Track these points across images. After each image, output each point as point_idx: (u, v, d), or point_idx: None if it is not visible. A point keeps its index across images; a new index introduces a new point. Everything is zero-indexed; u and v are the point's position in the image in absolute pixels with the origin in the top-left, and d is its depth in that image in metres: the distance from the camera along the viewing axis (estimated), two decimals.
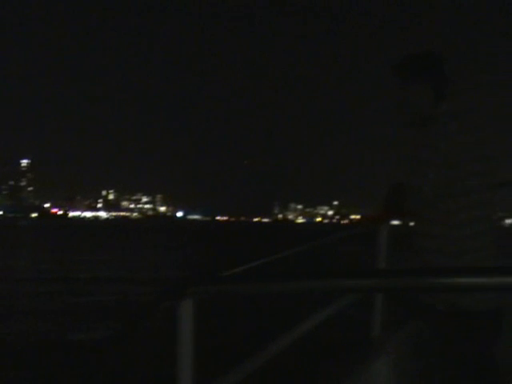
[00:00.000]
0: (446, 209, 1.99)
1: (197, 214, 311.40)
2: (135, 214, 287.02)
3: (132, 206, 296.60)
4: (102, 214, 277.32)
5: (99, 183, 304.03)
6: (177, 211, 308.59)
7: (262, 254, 1.60)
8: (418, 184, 1.99)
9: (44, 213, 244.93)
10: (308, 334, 1.95)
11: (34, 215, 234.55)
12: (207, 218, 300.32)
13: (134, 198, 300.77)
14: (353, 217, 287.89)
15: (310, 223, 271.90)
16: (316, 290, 1.10)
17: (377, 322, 2.54)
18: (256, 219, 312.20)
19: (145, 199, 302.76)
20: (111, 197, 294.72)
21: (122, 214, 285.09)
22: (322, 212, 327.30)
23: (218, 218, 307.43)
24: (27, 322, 11.46)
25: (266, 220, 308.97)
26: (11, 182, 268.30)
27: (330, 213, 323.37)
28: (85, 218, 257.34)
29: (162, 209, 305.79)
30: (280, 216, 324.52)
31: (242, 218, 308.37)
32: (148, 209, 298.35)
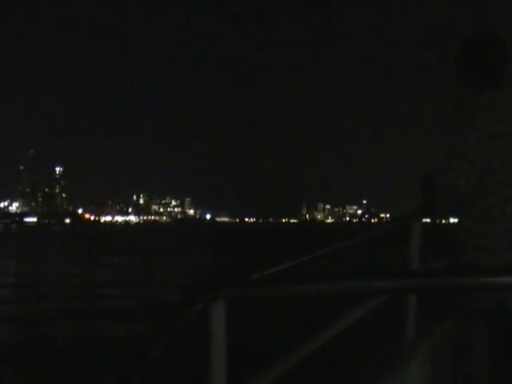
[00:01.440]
0: (482, 204, 1.99)
1: (225, 216, 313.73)
2: (165, 218, 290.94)
3: (162, 209, 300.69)
4: (133, 219, 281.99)
5: (130, 188, 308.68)
6: (205, 214, 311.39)
7: (292, 255, 1.57)
8: (453, 178, 1.95)
9: (77, 218, 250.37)
10: (340, 336, 1.92)
11: (67, 221, 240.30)
12: (235, 220, 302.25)
13: (164, 201, 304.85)
14: (382, 216, 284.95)
15: (338, 223, 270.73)
16: (348, 291, 1.07)
17: (411, 323, 2.47)
18: (284, 220, 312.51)
19: (174, 203, 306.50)
20: (141, 201, 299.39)
21: (152, 217, 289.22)
22: (350, 211, 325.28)
23: (246, 219, 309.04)
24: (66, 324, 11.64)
25: (293, 221, 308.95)
26: (46, 189, 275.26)
27: (359, 212, 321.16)
28: (116, 222, 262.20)
29: (191, 212, 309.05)
30: (307, 216, 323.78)
31: (271, 220, 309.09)
32: (177, 212, 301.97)
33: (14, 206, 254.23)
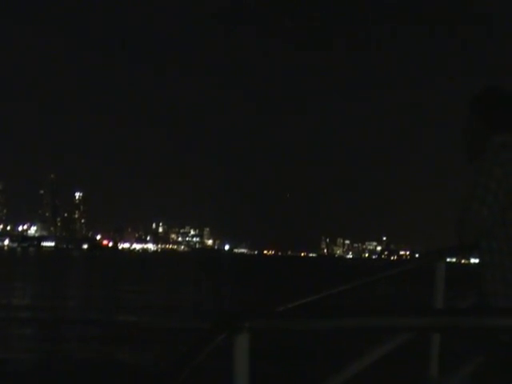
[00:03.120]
0: (503, 236, 2.02)
1: (243, 247, 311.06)
2: (183, 247, 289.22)
3: (180, 238, 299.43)
4: (151, 247, 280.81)
5: (149, 216, 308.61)
6: (224, 244, 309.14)
7: (313, 288, 1.58)
8: (477, 208, 2.00)
9: (95, 244, 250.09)
10: (362, 374, 1.92)
11: (85, 246, 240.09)
12: (254, 252, 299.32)
13: (183, 230, 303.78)
14: (402, 253, 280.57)
15: (357, 258, 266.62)
16: (371, 327, 1.08)
17: (434, 360, 2.42)
18: (303, 253, 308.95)
19: (192, 232, 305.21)
20: (160, 229, 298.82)
21: (169, 246, 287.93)
22: (370, 248, 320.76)
23: (265, 251, 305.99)
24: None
25: (312, 255, 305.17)
26: (65, 214, 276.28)
27: (379, 248, 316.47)
28: (134, 249, 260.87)
29: (210, 242, 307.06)
30: (326, 251, 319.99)
31: (289, 252, 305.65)
32: (196, 242, 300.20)
33: (33, 230, 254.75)
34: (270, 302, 1.38)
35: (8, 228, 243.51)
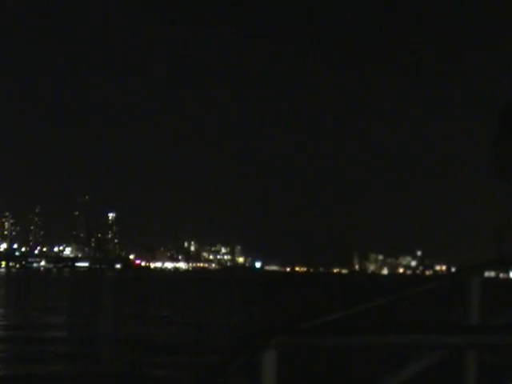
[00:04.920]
0: None
1: (275, 264, 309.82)
2: (214, 265, 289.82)
3: (212, 257, 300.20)
4: (183, 265, 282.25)
5: (181, 235, 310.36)
6: (255, 262, 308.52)
7: (342, 305, 1.55)
8: None
9: (128, 264, 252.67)
10: None
11: (118, 266, 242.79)
12: (285, 269, 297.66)
13: (214, 249, 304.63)
14: (438, 268, 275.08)
15: (392, 274, 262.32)
16: (403, 344, 1.05)
17: (470, 380, 2.32)
18: (335, 270, 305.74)
19: (224, 250, 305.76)
20: (192, 248, 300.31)
21: (201, 265, 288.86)
22: (404, 263, 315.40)
23: (296, 268, 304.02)
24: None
25: (344, 271, 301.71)
26: (98, 235, 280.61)
27: (414, 264, 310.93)
28: (166, 269, 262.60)
29: (241, 259, 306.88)
30: (358, 267, 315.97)
31: (321, 269, 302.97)
32: (227, 260, 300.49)
33: (68, 251, 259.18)
34: (298, 318, 1.35)
35: (44, 249, 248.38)
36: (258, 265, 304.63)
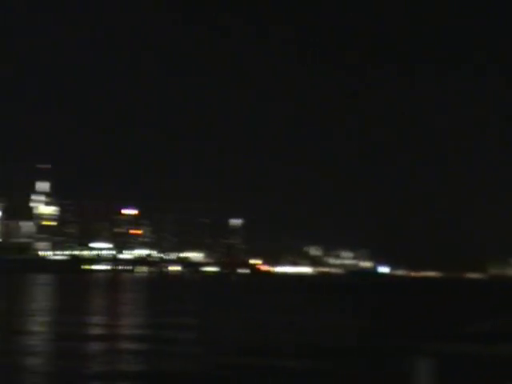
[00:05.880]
0: None
1: (403, 268, 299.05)
2: (338, 270, 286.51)
3: (337, 261, 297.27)
4: (307, 270, 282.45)
5: (305, 240, 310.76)
6: (382, 266, 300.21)
7: (494, 312, 1.28)
8: None
9: (253, 269, 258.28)
10: None
11: (243, 271, 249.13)
12: (414, 273, 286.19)
13: (339, 253, 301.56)
14: None
15: None
16: None
17: None
18: (470, 275, 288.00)
19: (349, 254, 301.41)
20: (316, 253, 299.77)
21: (325, 269, 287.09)
22: None
23: (426, 273, 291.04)
24: None
25: (479, 276, 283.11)
26: (225, 241, 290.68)
27: None
28: (291, 273, 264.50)
29: (367, 264, 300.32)
30: (494, 272, 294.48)
31: (453, 274, 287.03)
32: (352, 264, 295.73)
33: (197, 256, 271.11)
34: (450, 325, 1.22)
35: (179, 255, 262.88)
36: (384, 269, 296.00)
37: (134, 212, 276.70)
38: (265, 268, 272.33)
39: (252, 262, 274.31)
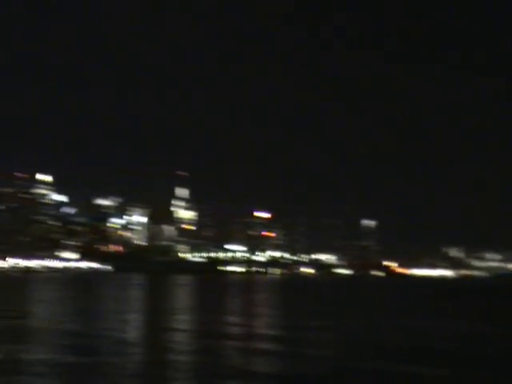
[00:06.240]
0: None
1: None
2: (483, 273, 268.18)
3: (482, 264, 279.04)
4: (448, 273, 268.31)
5: (445, 241, 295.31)
6: None
7: None
8: None
9: (389, 271, 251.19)
10: None
11: (378, 273, 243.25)
12: None
13: (483, 255, 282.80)
14: None
15: None
16: None
17: None
18: None
19: (495, 256, 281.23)
20: (457, 254, 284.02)
21: (466, 272, 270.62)
22: None
23: None
24: None
25: None
26: (358, 243, 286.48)
27: None
28: (430, 276, 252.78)
29: None
30: None
31: None
32: (499, 267, 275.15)
33: (330, 258, 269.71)
34: None
35: (311, 256, 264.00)
36: None
37: (266, 215, 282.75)
38: (400, 270, 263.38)
39: (387, 263, 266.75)
